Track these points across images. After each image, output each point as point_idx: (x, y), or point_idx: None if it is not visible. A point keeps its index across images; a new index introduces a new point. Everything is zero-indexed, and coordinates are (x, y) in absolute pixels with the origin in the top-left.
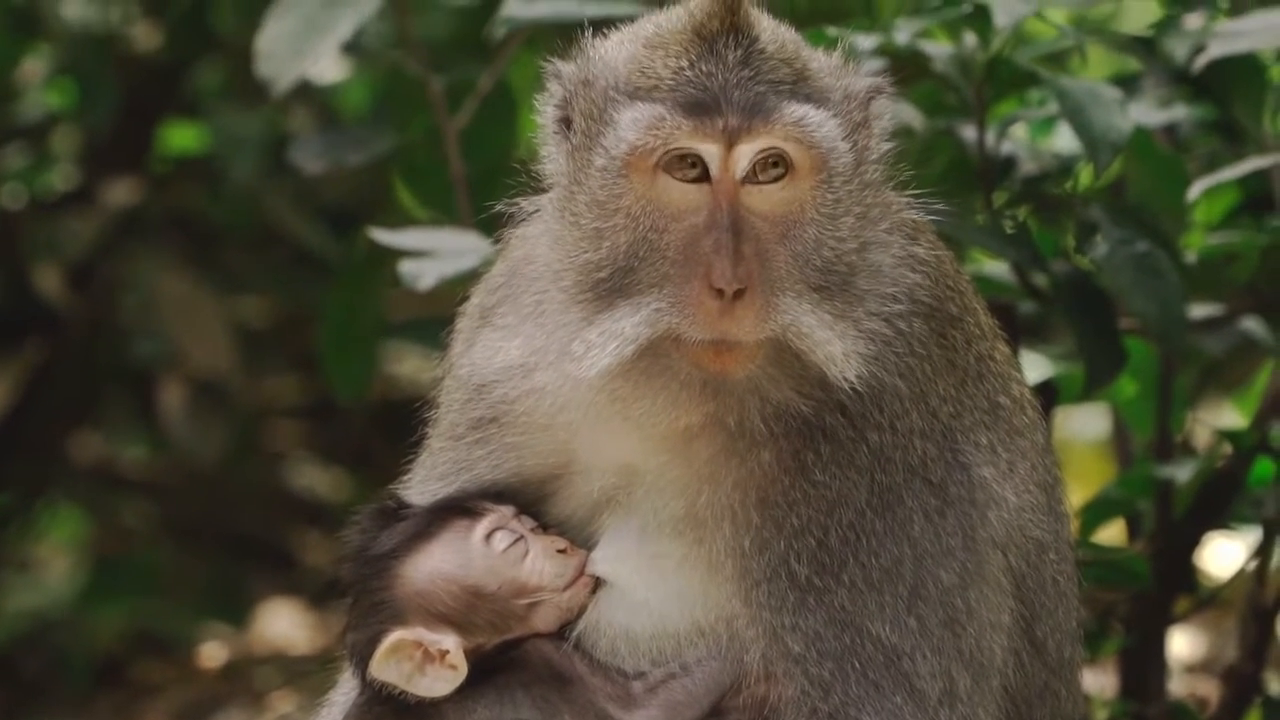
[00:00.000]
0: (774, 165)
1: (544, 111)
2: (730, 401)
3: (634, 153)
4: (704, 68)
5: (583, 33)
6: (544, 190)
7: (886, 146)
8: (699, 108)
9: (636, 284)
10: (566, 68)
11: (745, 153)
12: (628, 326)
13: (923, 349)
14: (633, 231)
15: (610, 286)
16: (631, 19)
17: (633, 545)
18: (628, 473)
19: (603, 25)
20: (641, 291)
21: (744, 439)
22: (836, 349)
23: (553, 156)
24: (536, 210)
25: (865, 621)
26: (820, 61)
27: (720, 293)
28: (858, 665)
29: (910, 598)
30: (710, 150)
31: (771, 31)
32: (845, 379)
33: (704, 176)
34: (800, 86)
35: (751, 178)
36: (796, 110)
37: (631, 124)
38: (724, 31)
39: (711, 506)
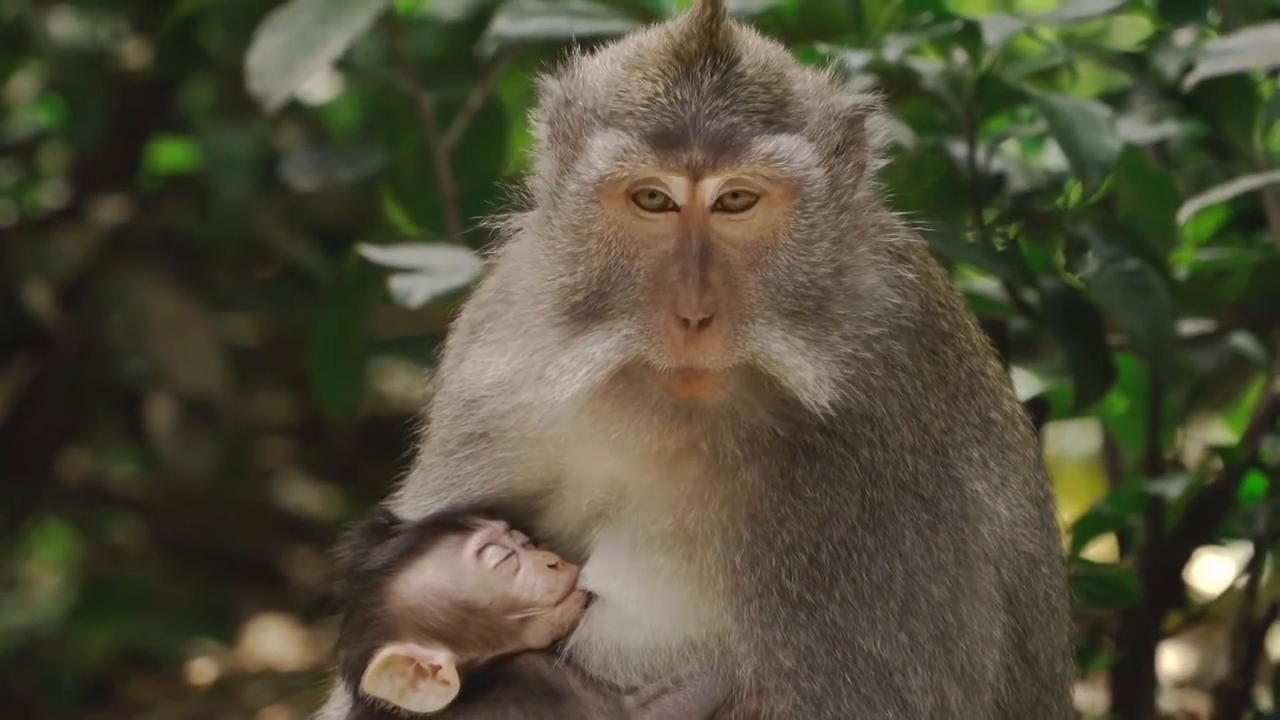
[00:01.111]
0: (744, 194)
1: (536, 128)
2: (704, 425)
3: (603, 181)
4: (677, 94)
5: (571, 51)
6: (532, 207)
7: (878, 164)
8: (666, 140)
9: (610, 309)
10: (554, 85)
11: (711, 186)
12: (599, 352)
13: (913, 365)
14: (605, 257)
15: (585, 310)
16: (621, 36)
17: (624, 560)
18: (617, 488)
19: (593, 42)
20: (614, 316)
21: (727, 459)
22: (808, 375)
23: (541, 173)
24: (523, 227)
25: (857, 637)
26: (804, 82)
27: (686, 321)
28: (849, 680)
29: (901, 613)
30: (677, 182)
31: (754, 52)
32: (818, 404)
33: (673, 205)
34: (776, 114)
35: (721, 206)
36: (766, 144)
37: (601, 152)
38: (701, 54)
39: (701, 523)
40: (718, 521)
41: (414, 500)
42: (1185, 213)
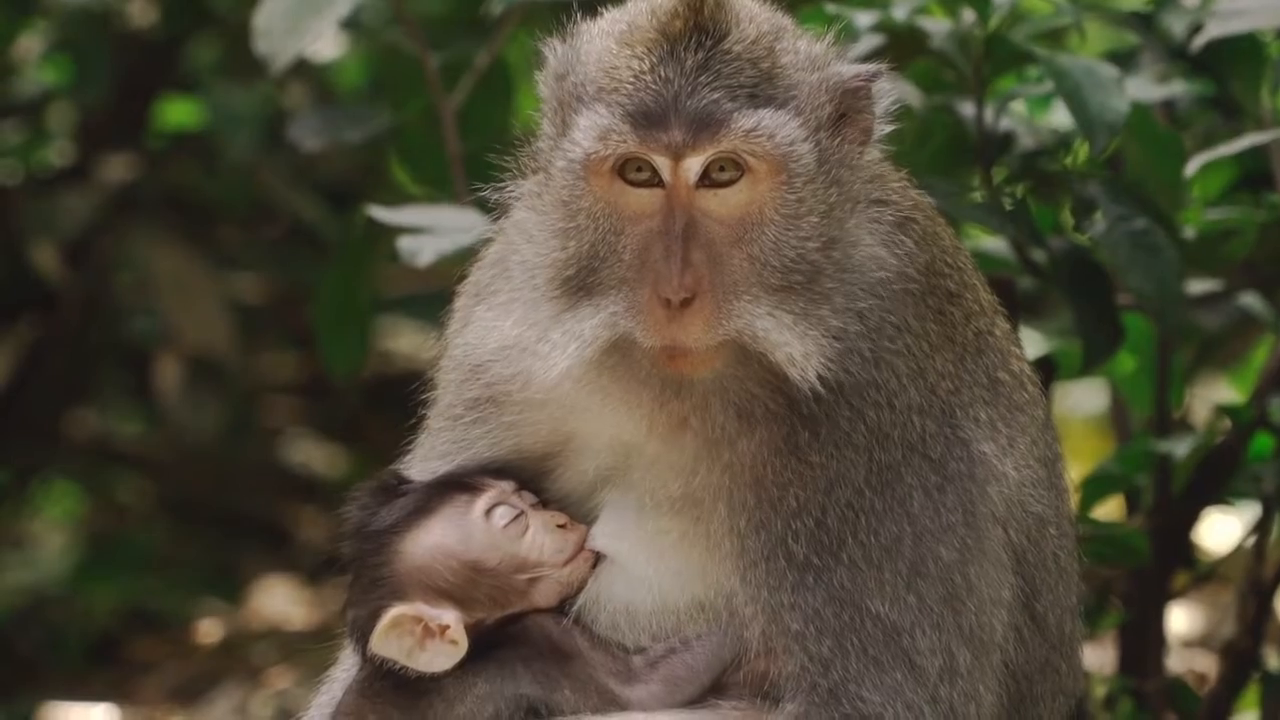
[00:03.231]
0: (729, 169)
1: (539, 92)
2: (696, 400)
3: (588, 159)
4: (661, 73)
5: (574, 14)
6: (535, 172)
7: (881, 130)
8: (647, 119)
9: (600, 284)
10: (552, 54)
11: (694, 164)
12: (587, 329)
13: (919, 326)
14: (594, 233)
15: (577, 284)
16: None
17: (632, 522)
18: (623, 452)
19: (598, 3)
20: (604, 292)
21: (721, 431)
22: (796, 350)
23: (542, 139)
24: (524, 195)
25: (865, 599)
26: (797, 54)
27: (669, 300)
28: (857, 642)
29: (910, 575)
30: (660, 160)
31: (744, 25)
32: (806, 379)
33: (659, 181)
34: (762, 87)
35: (706, 181)
36: (747, 120)
37: (586, 130)
38: (687, 32)
39: (707, 488)
40: (721, 487)
41: (422, 464)
42: (1192, 167)
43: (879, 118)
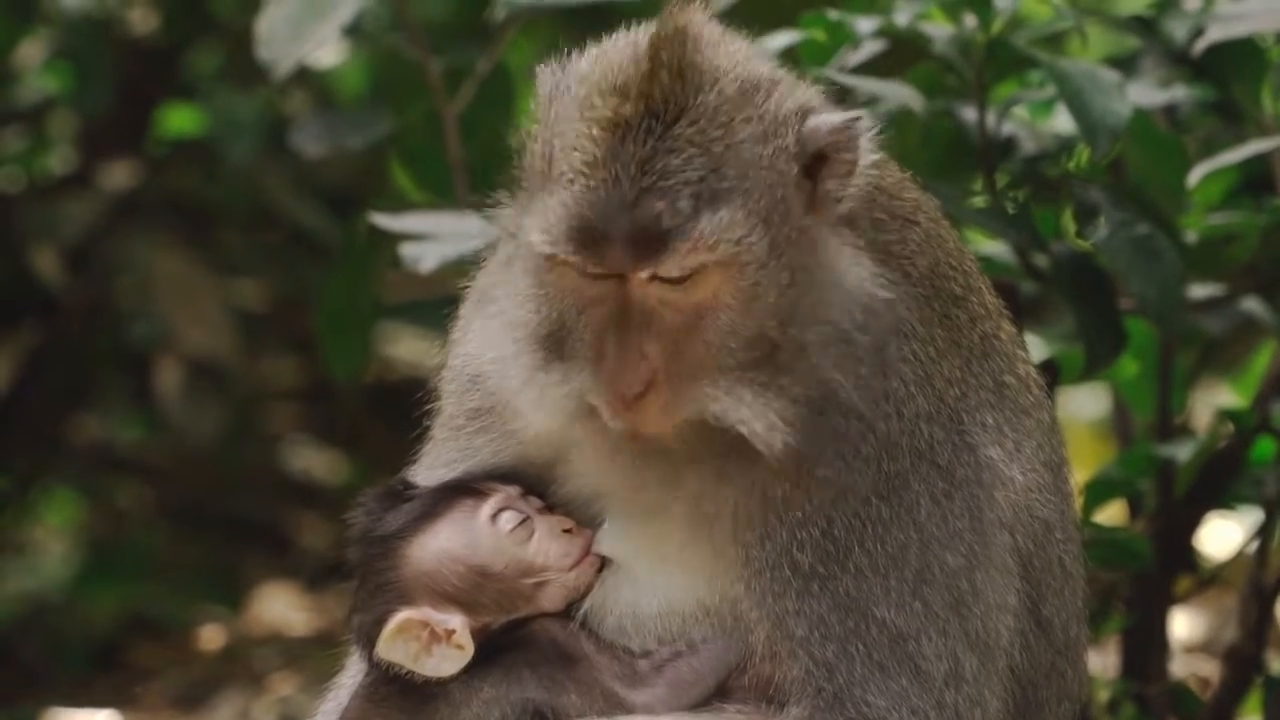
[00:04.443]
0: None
1: (533, 111)
2: (690, 439)
3: (540, 254)
4: (606, 173)
5: (567, 51)
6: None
7: (854, 183)
8: (591, 235)
9: (570, 351)
10: (545, 79)
11: (638, 276)
12: (559, 396)
13: (925, 331)
14: (559, 307)
15: (550, 344)
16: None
17: (637, 527)
18: (623, 472)
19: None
20: (573, 359)
21: (729, 455)
22: (758, 425)
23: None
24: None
25: (870, 606)
26: (762, 119)
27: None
28: (862, 647)
29: (916, 582)
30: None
31: (704, 94)
32: (773, 450)
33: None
34: (709, 181)
35: (657, 278)
36: (690, 233)
37: (535, 227)
38: (638, 117)
39: (712, 500)
40: (725, 499)
41: (428, 472)
42: (1194, 176)
43: (863, 154)
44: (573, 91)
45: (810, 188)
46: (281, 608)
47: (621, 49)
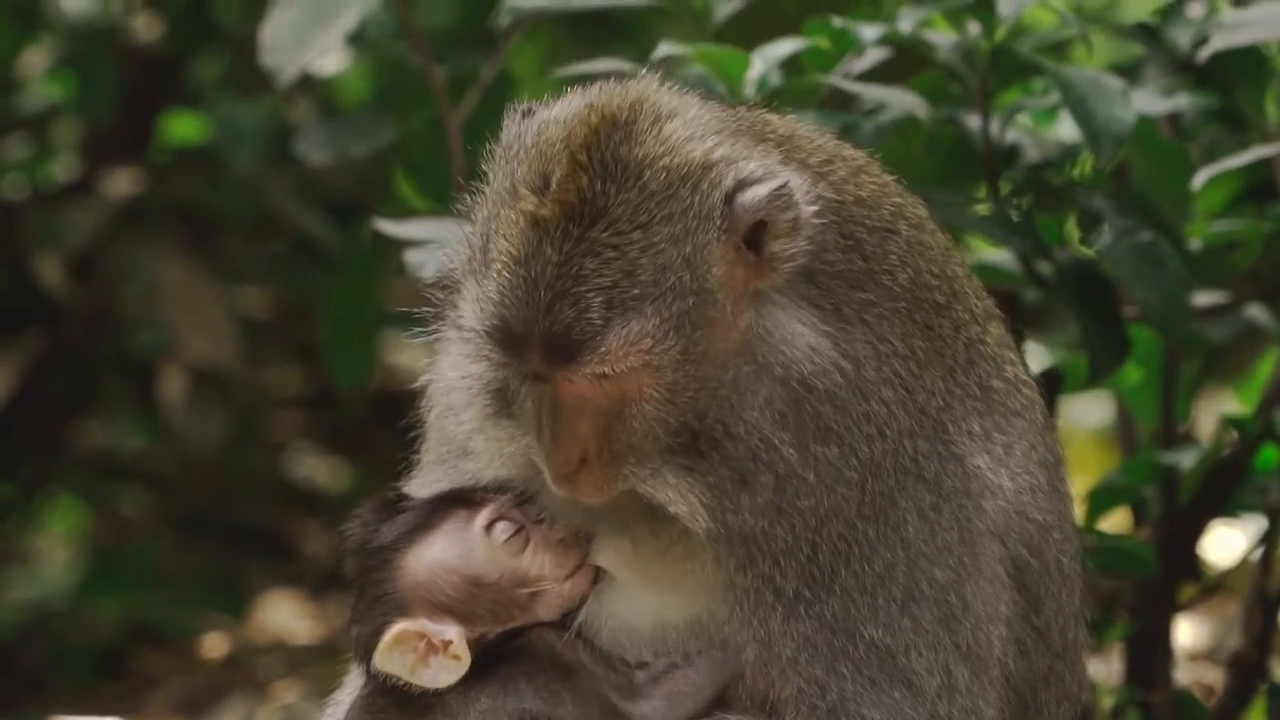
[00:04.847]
0: None
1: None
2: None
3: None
4: (525, 272)
5: (521, 110)
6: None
7: (801, 237)
8: (508, 337)
9: (518, 410)
10: (509, 129)
11: (558, 375)
12: (506, 453)
13: (905, 347)
14: (501, 373)
15: (499, 400)
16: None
17: (627, 544)
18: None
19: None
20: (520, 417)
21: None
22: (682, 507)
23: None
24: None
25: (858, 625)
26: (674, 221)
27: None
28: (851, 666)
29: (904, 599)
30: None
31: (633, 183)
32: (698, 528)
33: None
34: (624, 286)
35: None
36: (599, 346)
37: (468, 311)
38: (555, 221)
39: (691, 534)
40: (705, 532)
41: (419, 491)
42: (1198, 180)
43: (804, 209)
44: (520, 156)
45: (754, 257)
46: (285, 615)
47: (564, 122)
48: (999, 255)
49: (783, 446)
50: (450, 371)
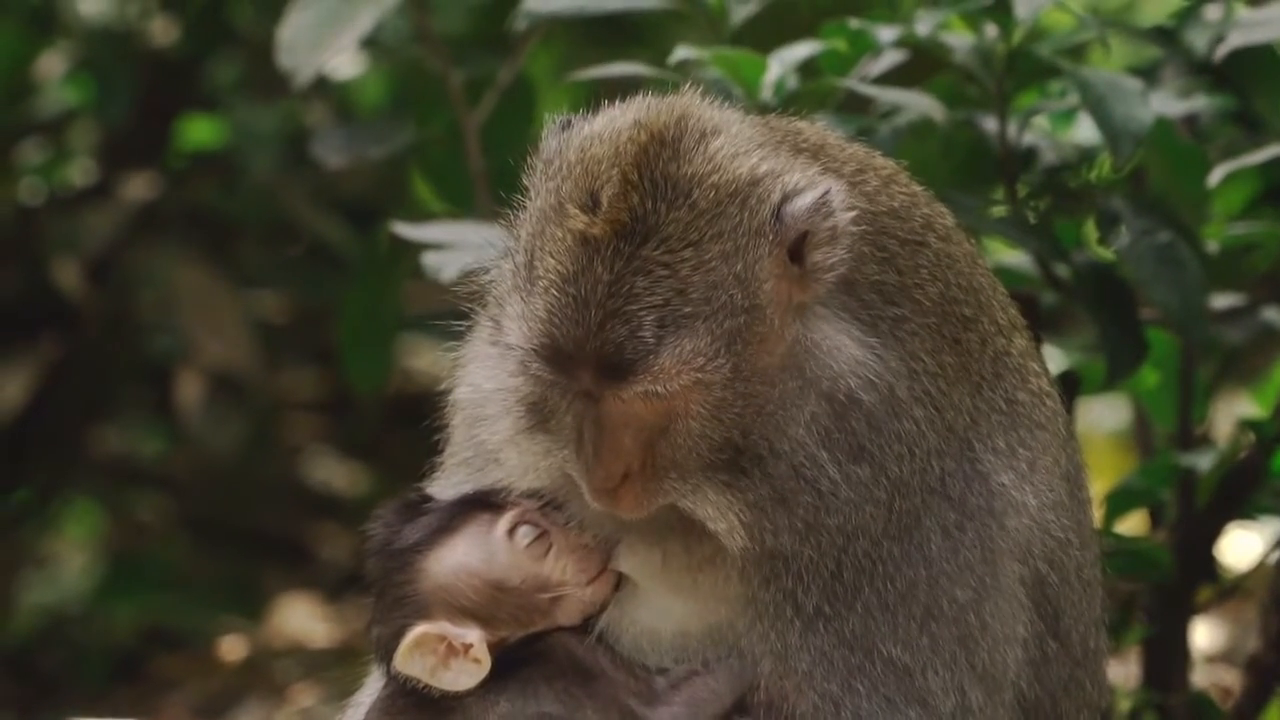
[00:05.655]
0: None
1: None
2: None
3: (515, 354)
4: (574, 292)
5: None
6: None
7: (841, 246)
8: (559, 356)
9: (555, 425)
10: (549, 142)
11: (607, 394)
12: (543, 467)
13: (934, 363)
14: (541, 389)
15: (536, 413)
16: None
17: (651, 552)
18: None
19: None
20: (558, 433)
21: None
22: (721, 525)
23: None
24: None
25: (877, 643)
26: (725, 239)
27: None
28: (867, 683)
29: (924, 618)
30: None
31: (682, 202)
32: (736, 547)
33: None
34: (675, 304)
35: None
36: (651, 365)
37: (514, 329)
38: (606, 241)
39: (713, 544)
40: (725, 546)
41: (442, 494)
42: (1215, 177)
43: (841, 217)
44: (565, 172)
45: (798, 270)
46: (302, 619)
47: (609, 139)
48: (1016, 258)
49: (825, 465)
50: (484, 382)
